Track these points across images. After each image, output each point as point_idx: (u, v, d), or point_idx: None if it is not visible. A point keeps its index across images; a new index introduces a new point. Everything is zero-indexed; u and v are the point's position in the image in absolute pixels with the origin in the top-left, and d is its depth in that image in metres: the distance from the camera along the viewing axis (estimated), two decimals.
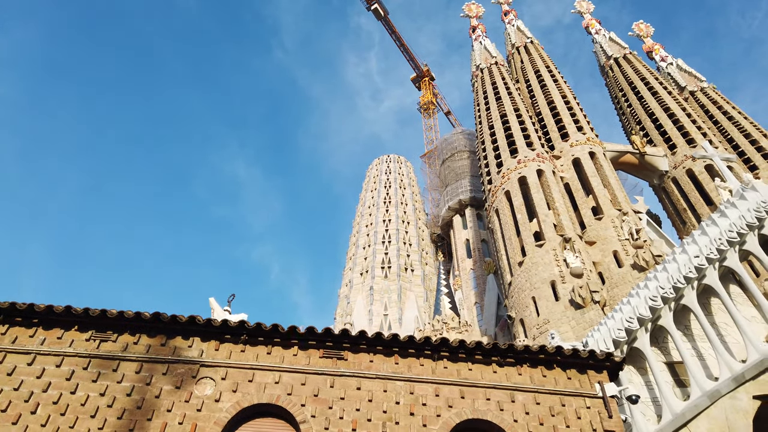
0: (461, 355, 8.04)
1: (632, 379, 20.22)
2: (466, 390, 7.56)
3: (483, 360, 8.00)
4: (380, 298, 48.30)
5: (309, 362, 7.70)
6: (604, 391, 7.52)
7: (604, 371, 8.13)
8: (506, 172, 32.45)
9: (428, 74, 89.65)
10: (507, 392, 7.58)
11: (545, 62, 44.69)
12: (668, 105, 40.86)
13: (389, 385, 7.42)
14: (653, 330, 20.97)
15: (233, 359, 7.74)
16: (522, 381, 7.81)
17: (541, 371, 7.97)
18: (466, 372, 7.85)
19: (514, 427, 7.05)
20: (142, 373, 7.41)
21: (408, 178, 65.07)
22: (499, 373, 7.88)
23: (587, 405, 7.54)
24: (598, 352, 7.98)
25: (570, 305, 24.27)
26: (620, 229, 28.55)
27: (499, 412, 7.22)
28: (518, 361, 8.00)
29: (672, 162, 37.42)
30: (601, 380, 7.89)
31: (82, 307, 7.74)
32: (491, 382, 7.64)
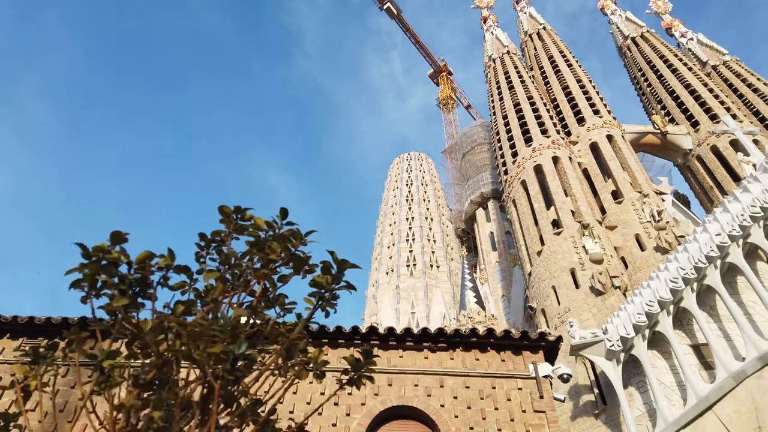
0: (392, 343, 7.96)
1: (656, 363, 19.72)
2: (394, 377, 7.49)
3: (414, 347, 7.90)
4: (407, 296, 48.19)
5: None
6: (537, 372, 7.34)
7: (540, 352, 7.94)
8: (521, 162, 32.01)
9: (445, 69, 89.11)
10: (436, 377, 7.47)
11: (559, 47, 43.92)
12: (689, 81, 39.67)
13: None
14: (676, 312, 20.39)
15: None
16: (453, 365, 7.68)
17: (474, 355, 7.81)
18: (396, 359, 7.78)
19: (439, 412, 6.93)
20: (68, 377, 7.55)
21: (429, 174, 64.77)
22: (431, 358, 7.77)
23: (519, 386, 7.37)
24: (532, 333, 7.77)
25: (590, 292, 23.77)
26: (641, 211, 27.83)
27: (426, 398, 7.12)
28: (450, 346, 7.86)
29: (695, 140, 36.31)
30: (535, 361, 7.69)
31: (11, 315, 7.94)
32: (421, 368, 7.55)
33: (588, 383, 21.49)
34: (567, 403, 21.91)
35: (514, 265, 42.56)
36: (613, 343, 18.96)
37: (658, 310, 19.49)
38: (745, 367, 16.69)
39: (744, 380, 16.41)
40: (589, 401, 21.00)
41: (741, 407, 15.96)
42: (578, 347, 19.39)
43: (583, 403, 21.10)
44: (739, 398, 16.18)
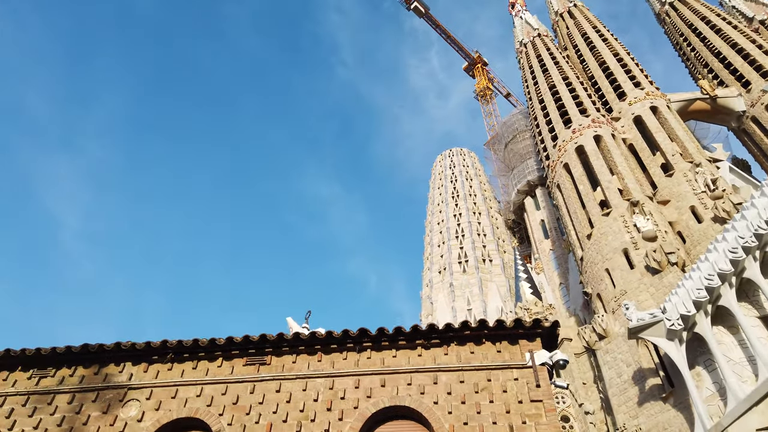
0: (384, 344, 7.83)
1: (723, 339, 18.69)
2: (387, 378, 7.34)
3: (408, 345, 7.72)
4: (461, 293, 47.68)
5: (232, 371, 7.83)
6: (533, 360, 7.01)
7: (537, 339, 7.58)
8: (562, 144, 31.14)
9: (480, 60, 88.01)
10: (430, 374, 7.27)
11: (591, 23, 42.57)
12: (735, 40, 37.59)
13: (309, 383, 7.43)
14: (740, 284, 19.27)
15: (160, 378, 7.96)
16: (447, 361, 7.44)
17: (469, 348, 7.54)
18: (390, 359, 7.65)
19: (432, 409, 6.73)
20: (73, 403, 7.78)
21: (473, 168, 63.98)
22: (425, 355, 7.57)
23: (515, 377, 7.06)
24: (527, 320, 7.44)
25: (646, 272, 22.80)
26: (695, 182, 26.54)
27: (419, 396, 6.93)
28: (444, 341, 7.62)
29: (748, 100, 34.34)
30: (531, 349, 7.34)
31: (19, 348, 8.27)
32: (414, 367, 7.37)
33: (653, 366, 20.61)
34: (632, 388, 21.10)
35: (569, 252, 41.41)
36: (673, 322, 18.10)
37: (718, 284, 18.45)
38: None
39: None
40: (656, 385, 20.12)
41: None
42: (636, 330, 18.62)
43: (649, 387, 20.25)
44: None
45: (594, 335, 23.70)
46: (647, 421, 19.49)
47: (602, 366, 22.78)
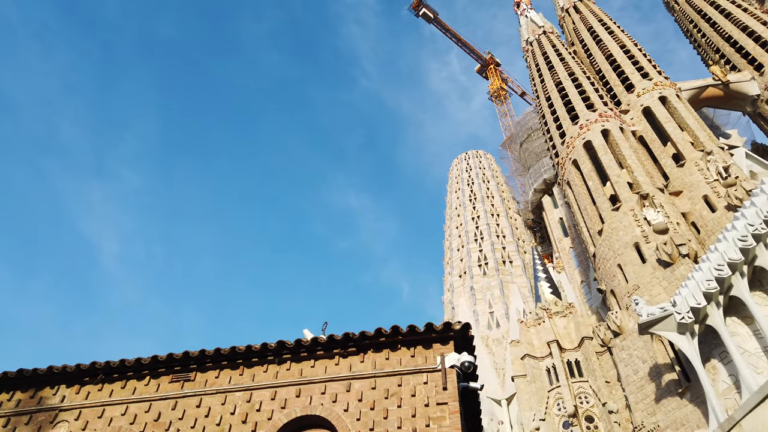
0: (303, 354, 7.90)
1: (737, 330, 18.26)
2: (303, 388, 7.42)
3: (325, 355, 7.78)
4: (482, 296, 47.34)
5: (158, 389, 8.00)
6: (443, 363, 6.97)
7: (450, 342, 7.56)
8: (570, 141, 30.84)
9: (492, 61, 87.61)
10: (344, 383, 7.30)
11: (597, 16, 42.12)
12: (745, 23, 36.77)
13: (229, 397, 7.59)
14: (753, 273, 18.81)
15: (90, 399, 8.14)
16: (362, 368, 7.45)
17: (385, 355, 7.55)
18: (308, 370, 7.73)
19: (341, 417, 6.77)
20: (8, 427, 8.01)
21: (490, 170, 63.62)
22: (342, 364, 7.61)
23: (424, 381, 7.03)
24: (440, 324, 7.37)
25: (658, 265, 22.38)
26: (707, 170, 26.00)
27: (331, 405, 6.97)
28: (361, 349, 7.65)
29: (762, 83, 33.52)
30: (443, 352, 7.29)
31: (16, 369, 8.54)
32: (330, 376, 7.42)
33: (668, 361, 20.19)
34: (649, 385, 20.68)
35: None
36: (683, 316, 17.73)
37: (729, 274, 18.03)
38: None
39: None
40: (672, 380, 19.71)
41: None
42: (647, 325, 18.28)
43: (665, 383, 19.84)
44: None
45: (609, 332, 23.34)
46: (665, 418, 19.09)
47: (618, 363, 22.41)
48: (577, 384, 30.26)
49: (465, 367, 7.01)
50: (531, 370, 32.55)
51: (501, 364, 41.83)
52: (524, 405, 32.19)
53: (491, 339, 43.87)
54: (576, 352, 31.74)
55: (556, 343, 32.01)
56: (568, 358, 31.73)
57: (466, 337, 7.50)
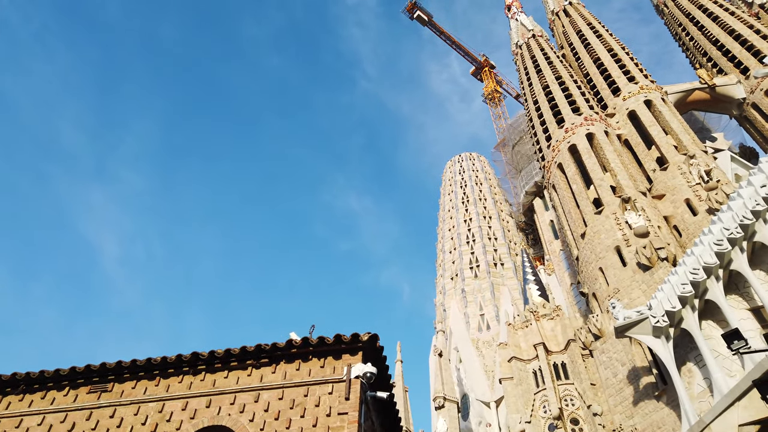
0: (217, 365, 8.05)
1: (712, 333, 18.41)
2: (214, 398, 7.58)
3: (239, 366, 7.94)
4: (473, 299, 47.45)
5: (75, 399, 8.10)
6: (349, 374, 7.11)
7: (359, 353, 7.71)
8: (555, 144, 31.00)
9: (487, 64, 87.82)
10: (253, 393, 7.46)
11: (586, 20, 42.33)
12: (732, 26, 36.97)
13: (142, 408, 7.71)
14: (729, 277, 18.96)
15: (9, 410, 8.23)
16: (272, 379, 7.62)
17: (296, 365, 7.72)
18: (221, 381, 7.88)
19: (246, 427, 6.91)
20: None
21: (483, 172, 63.76)
22: (254, 375, 7.78)
23: (330, 391, 7.18)
24: (348, 335, 7.49)
25: (638, 268, 22.53)
26: (689, 174, 26.15)
27: (238, 415, 7.12)
28: (273, 360, 7.81)
29: (747, 87, 33.69)
30: (351, 363, 7.44)
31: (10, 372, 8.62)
32: (241, 386, 7.58)
33: (646, 365, 20.33)
34: (628, 387, 20.82)
35: None
36: (658, 319, 17.88)
37: (704, 277, 18.18)
38: None
39: None
40: (649, 383, 19.84)
41: None
42: (623, 328, 18.42)
43: (643, 386, 19.97)
44: None
45: (590, 336, 23.48)
46: (642, 421, 19.23)
47: (599, 366, 22.55)
48: (563, 386, 30.31)
49: (367, 377, 7.13)
50: (518, 373, 32.61)
51: (491, 367, 41.94)
52: (511, 407, 32.25)
53: (481, 341, 43.99)
54: (562, 354, 31.78)
55: (543, 345, 32.04)
56: (554, 361, 31.76)
57: (375, 348, 7.62)
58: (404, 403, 39.03)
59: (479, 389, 40.21)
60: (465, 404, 40.93)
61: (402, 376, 40.92)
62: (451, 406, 36.43)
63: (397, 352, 42.31)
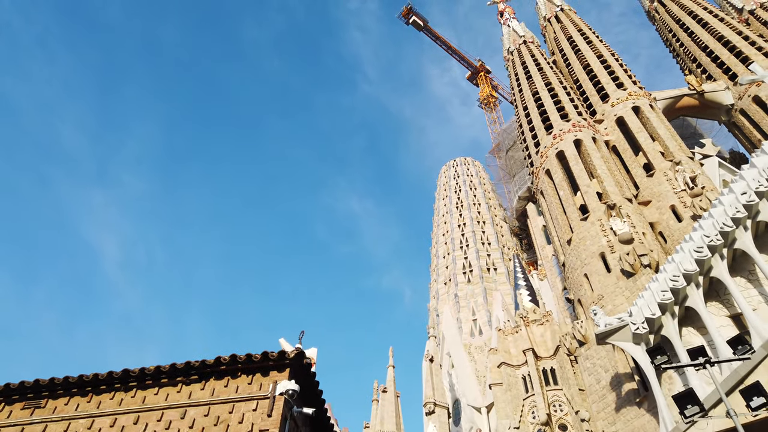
0: (148, 382, 8.14)
1: (692, 340, 18.50)
2: (143, 415, 7.68)
3: (170, 382, 8.04)
4: (466, 304, 47.52)
5: (9, 416, 8.14)
6: (274, 390, 7.21)
7: (286, 369, 7.83)
8: (543, 151, 31.13)
9: (483, 69, 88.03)
10: (180, 410, 7.57)
11: (577, 26, 42.53)
12: (721, 33, 37.17)
13: (72, 424, 7.78)
14: (710, 284, 19.07)
15: None
16: (201, 396, 7.72)
17: (225, 381, 7.81)
18: (151, 397, 7.97)
19: None
20: None
21: (477, 177, 63.93)
22: (183, 391, 7.87)
23: (254, 407, 7.28)
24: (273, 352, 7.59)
25: (622, 275, 22.63)
26: (674, 180, 26.28)
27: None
28: (203, 377, 7.91)
29: (736, 93, 33.86)
30: (277, 379, 7.55)
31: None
32: (169, 403, 7.68)
33: (629, 371, 20.41)
34: (610, 394, 20.90)
35: None
36: (637, 326, 17.98)
37: (683, 284, 18.29)
38: None
39: None
40: (631, 390, 19.92)
41: None
42: (604, 335, 18.52)
43: (625, 392, 20.05)
44: None
45: (575, 342, 23.57)
46: (624, 427, 19.30)
47: (583, 372, 22.64)
48: (552, 392, 30.42)
49: (289, 394, 7.23)
50: (507, 378, 32.70)
51: (483, 372, 41.99)
52: (501, 413, 32.32)
53: (473, 347, 44.06)
54: (552, 360, 31.90)
55: (532, 351, 32.17)
56: (543, 366, 31.88)
57: (301, 364, 7.72)
58: (395, 408, 39.07)
59: (471, 394, 40.24)
60: (457, 410, 40.96)
61: (394, 381, 40.97)
62: (441, 411, 36.46)
63: (389, 358, 42.38)
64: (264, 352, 7.71)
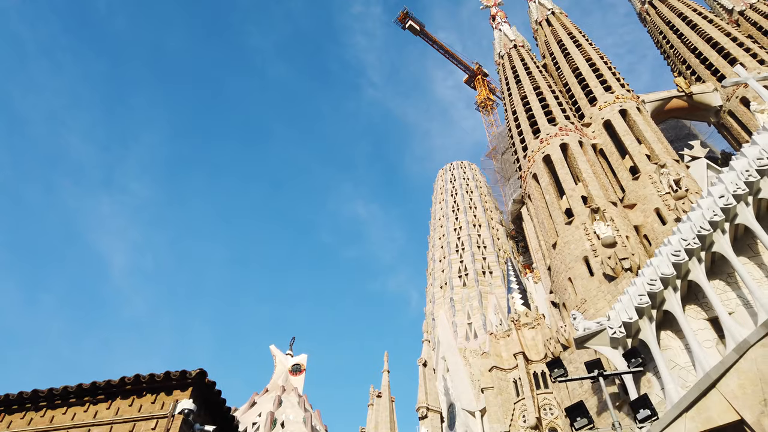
0: (57, 402, 8.28)
1: (670, 344, 18.64)
2: None
3: (77, 402, 8.20)
4: (461, 307, 47.56)
5: None
6: (173, 410, 7.37)
7: (189, 388, 7.96)
8: (531, 155, 31.27)
9: (480, 72, 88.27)
10: (84, 429, 7.74)
11: (567, 29, 42.70)
12: (710, 35, 37.24)
13: None
14: (689, 287, 19.15)
15: None
16: (105, 415, 7.87)
17: (131, 400, 7.95)
18: (59, 417, 8.12)
19: None
20: None
21: (474, 180, 63.99)
22: (90, 410, 8.02)
23: (154, 426, 7.43)
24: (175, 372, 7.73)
25: (604, 279, 22.73)
26: (659, 183, 26.38)
27: None
28: (109, 396, 8.07)
29: (724, 95, 33.92)
30: (179, 398, 7.70)
31: None
32: (75, 422, 7.83)
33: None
34: (592, 398, 21.00)
35: None
36: (614, 330, 18.10)
37: (661, 288, 18.38)
38: (748, 337, 15.38)
39: (747, 351, 15.13)
40: (612, 394, 19.97)
41: (745, 381, 14.71)
42: (582, 339, 18.63)
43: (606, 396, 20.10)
44: (743, 371, 14.91)
45: (559, 346, 23.67)
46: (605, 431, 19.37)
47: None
48: (543, 395, 30.46)
49: (186, 413, 7.41)
50: (498, 382, 32.76)
51: (477, 376, 41.99)
52: (493, 417, 32.37)
53: (468, 350, 44.08)
54: (542, 363, 31.92)
55: (523, 354, 32.22)
56: (534, 370, 31.91)
57: (203, 383, 7.89)
58: (390, 413, 39.16)
59: (465, 399, 40.27)
60: (452, 414, 41.01)
61: (389, 386, 41.06)
62: (434, 416, 36.55)
63: (384, 362, 42.51)
64: (166, 372, 7.90)
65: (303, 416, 25.87)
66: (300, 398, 27.36)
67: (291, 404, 26.65)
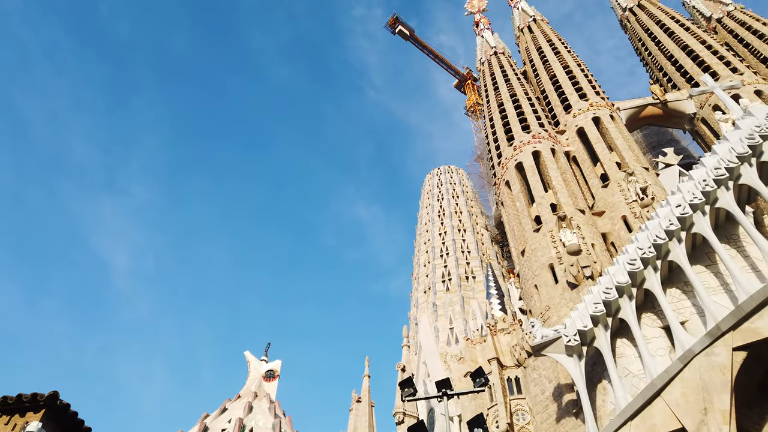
0: None
1: (625, 352, 18.83)
2: None
3: None
4: (444, 312, 47.80)
5: None
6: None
7: (42, 410, 8.13)
8: (504, 162, 31.53)
9: (470, 76, 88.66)
10: None
11: (547, 37, 43.02)
12: (686, 42, 37.60)
13: None
14: (646, 295, 19.35)
15: None
16: None
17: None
18: None
19: None
20: None
21: (460, 185, 64.30)
22: None
23: None
24: (27, 394, 7.91)
25: (567, 286, 22.96)
26: (627, 191, 26.63)
27: None
28: None
29: (697, 102, 34.22)
30: (30, 420, 7.88)
31: None
32: None
33: (570, 382, 20.69)
34: (552, 405, 21.20)
35: None
36: (569, 338, 18.28)
37: (616, 296, 18.57)
38: (693, 346, 15.59)
39: (691, 360, 15.35)
40: (570, 400, 20.22)
41: (688, 390, 14.92)
42: (539, 347, 18.83)
43: (565, 403, 20.34)
44: (687, 380, 15.13)
45: (523, 352, 23.87)
46: None
47: (530, 383, 22.93)
48: (516, 401, 30.62)
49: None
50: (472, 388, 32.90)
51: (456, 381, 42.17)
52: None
53: (449, 355, 44.27)
54: (517, 369, 32.12)
55: (497, 360, 32.40)
56: (509, 375, 32.11)
57: (55, 405, 8.05)
58: (369, 418, 39.35)
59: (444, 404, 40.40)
60: (431, 419, 41.21)
61: (369, 391, 41.26)
62: (411, 421, 36.70)
63: (365, 367, 42.73)
64: (19, 394, 8.05)
65: (272, 422, 25.87)
66: (272, 404, 27.32)
67: (261, 410, 26.62)
